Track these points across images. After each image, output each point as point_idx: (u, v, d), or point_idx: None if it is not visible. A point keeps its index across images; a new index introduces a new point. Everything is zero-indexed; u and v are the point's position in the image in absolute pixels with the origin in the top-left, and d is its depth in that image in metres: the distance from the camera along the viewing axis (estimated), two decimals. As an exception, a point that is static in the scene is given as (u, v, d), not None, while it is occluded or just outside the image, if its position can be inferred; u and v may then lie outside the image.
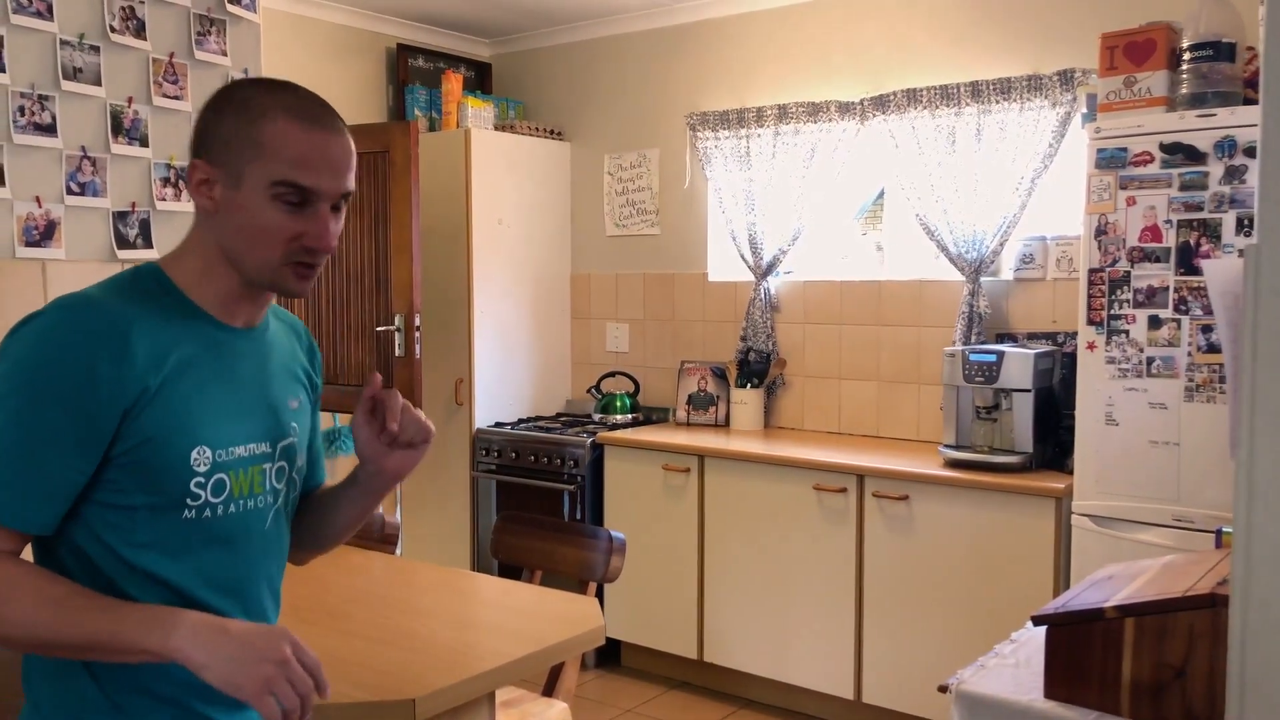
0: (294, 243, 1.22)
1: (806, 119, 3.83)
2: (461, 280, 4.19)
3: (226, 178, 1.21)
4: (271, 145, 1.20)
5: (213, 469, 1.22)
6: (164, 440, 1.17)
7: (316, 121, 1.23)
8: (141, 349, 1.16)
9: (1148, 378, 2.76)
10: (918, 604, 3.21)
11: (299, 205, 1.21)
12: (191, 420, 1.20)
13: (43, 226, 2.35)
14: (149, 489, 1.18)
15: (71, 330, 1.14)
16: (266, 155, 1.20)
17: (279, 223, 1.21)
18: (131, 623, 1.12)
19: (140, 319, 1.18)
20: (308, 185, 1.21)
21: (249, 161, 1.20)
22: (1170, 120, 2.72)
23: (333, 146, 1.23)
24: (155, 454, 1.17)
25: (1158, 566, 1.66)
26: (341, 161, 1.24)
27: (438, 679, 1.64)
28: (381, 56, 4.50)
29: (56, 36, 2.36)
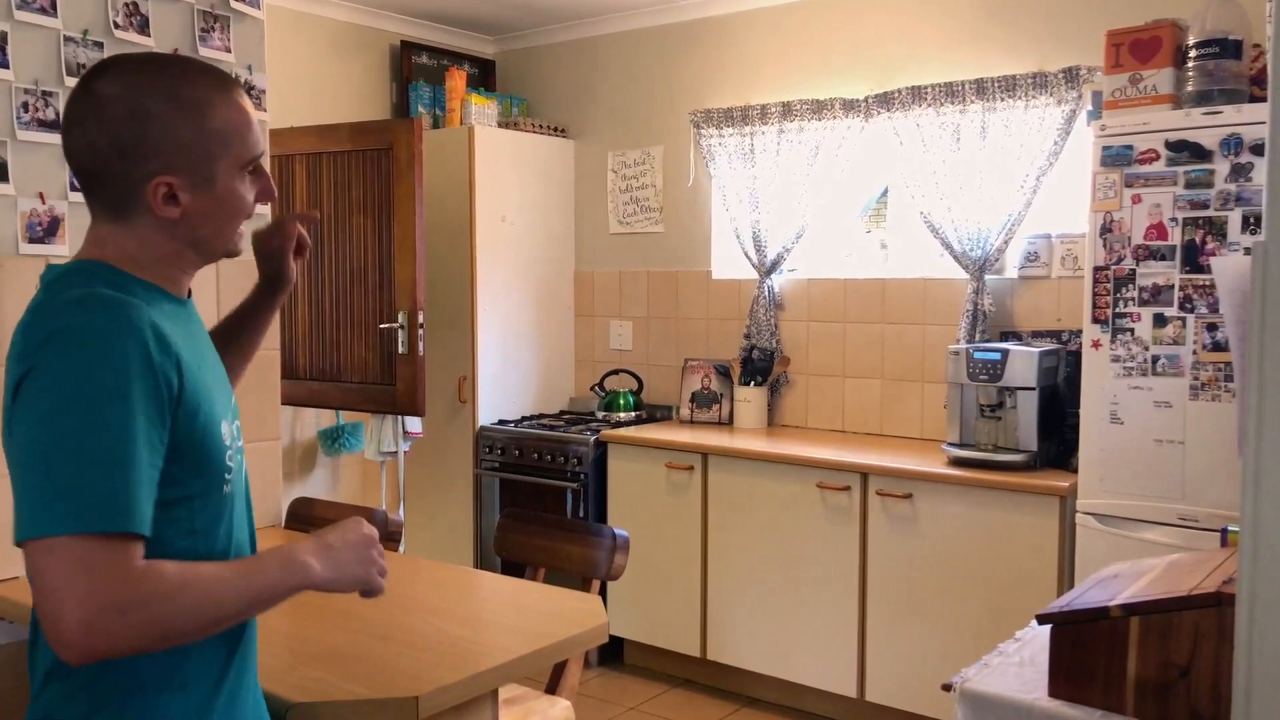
0: (254, 205, 1.29)
1: (811, 116, 3.83)
2: (465, 278, 4.18)
3: (196, 182, 1.20)
4: (225, 132, 1.22)
5: (233, 439, 1.26)
6: (205, 420, 1.19)
7: (229, 86, 1.26)
8: (159, 332, 1.13)
9: (1153, 376, 2.75)
10: (921, 602, 3.21)
11: (256, 172, 1.29)
12: (210, 396, 1.21)
13: (46, 223, 2.35)
14: (201, 472, 1.19)
15: (123, 328, 1.10)
16: (227, 143, 1.22)
17: (247, 196, 1.27)
18: (272, 574, 1.18)
19: (142, 303, 1.15)
20: (260, 152, 1.28)
21: (218, 159, 1.22)
22: (1176, 118, 2.71)
23: (249, 108, 1.28)
24: (204, 435, 1.19)
25: (1163, 565, 1.65)
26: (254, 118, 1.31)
27: (441, 676, 1.64)
28: (385, 53, 4.50)
29: (60, 33, 2.36)
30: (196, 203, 1.21)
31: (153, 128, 1.17)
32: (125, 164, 1.18)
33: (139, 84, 1.19)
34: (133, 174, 1.18)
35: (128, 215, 1.20)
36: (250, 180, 1.27)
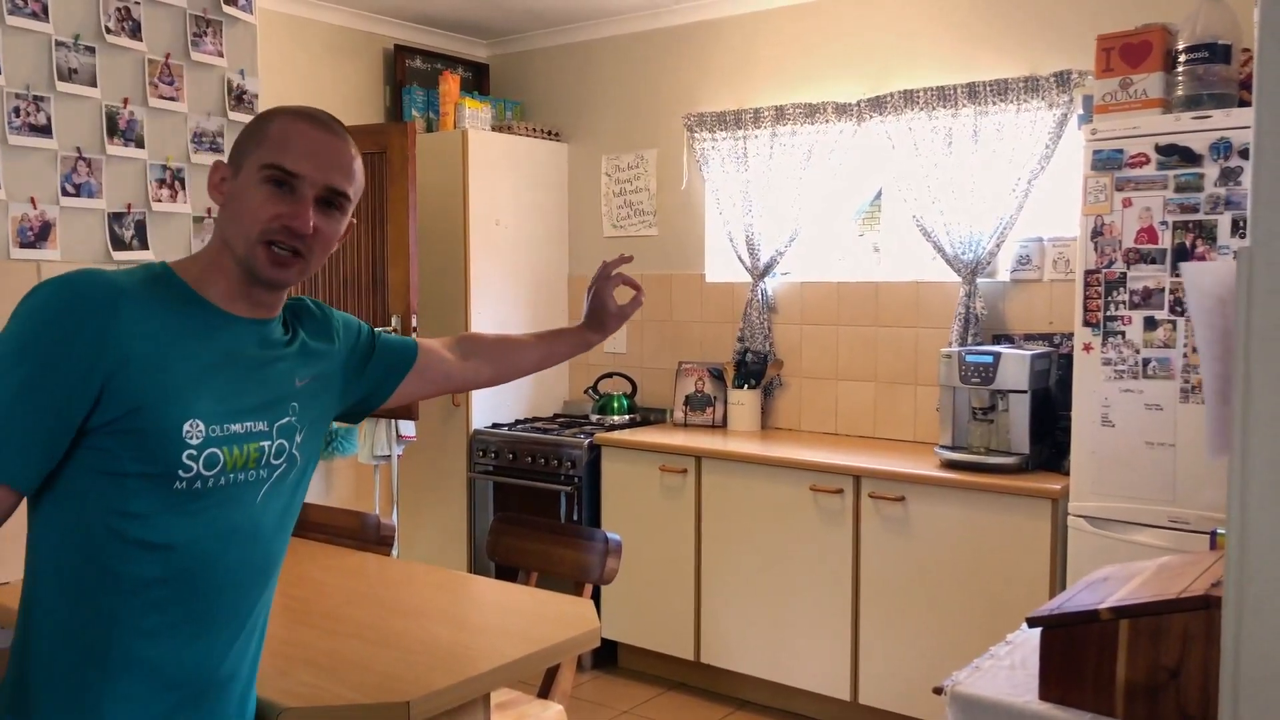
0: (273, 221, 1.29)
1: (804, 120, 3.83)
2: (459, 281, 4.18)
3: (234, 170, 1.32)
4: (271, 136, 1.31)
5: (206, 443, 1.26)
6: (155, 410, 1.22)
7: (315, 120, 1.34)
8: (130, 318, 1.22)
9: (1144, 379, 2.76)
10: (914, 605, 3.21)
11: (284, 188, 1.30)
12: (184, 394, 1.25)
13: (38, 227, 2.35)
14: (141, 457, 1.22)
15: (63, 294, 1.21)
16: (266, 144, 1.30)
17: (262, 202, 1.29)
18: None
19: (136, 294, 1.24)
20: (290, 168, 1.30)
21: (250, 154, 1.31)
22: (1166, 122, 2.72)
23: (324, 141, 1.33)
24: (147, 423, 1.22)
25: (1153, 568, 1.66)
26: (330, 156, 1.33)
27: (433, 681, 1.64)
28: (379, 57, 4.50)
29: (52, 37, 2.36)
30: (231, 191, 1.32)
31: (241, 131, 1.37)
32: None
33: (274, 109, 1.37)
34: None
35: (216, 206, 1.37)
36: (272, 191, 1.30)
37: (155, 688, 1.27)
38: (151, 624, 1.26)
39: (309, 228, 1.30)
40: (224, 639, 1.33)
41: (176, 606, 1.27)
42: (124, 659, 1.25)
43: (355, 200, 1.38)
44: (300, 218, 1.30)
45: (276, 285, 1.33)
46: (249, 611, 1.37)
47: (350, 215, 1.39)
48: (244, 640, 1.37)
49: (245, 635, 1.37)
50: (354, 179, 1.36)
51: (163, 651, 1.27)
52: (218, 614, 1.32)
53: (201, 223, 2.60)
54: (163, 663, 1.27)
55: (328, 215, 1.34)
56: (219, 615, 1.32)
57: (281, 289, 1.36)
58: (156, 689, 1.27)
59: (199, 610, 1.30)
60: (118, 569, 1.23)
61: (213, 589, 1.30)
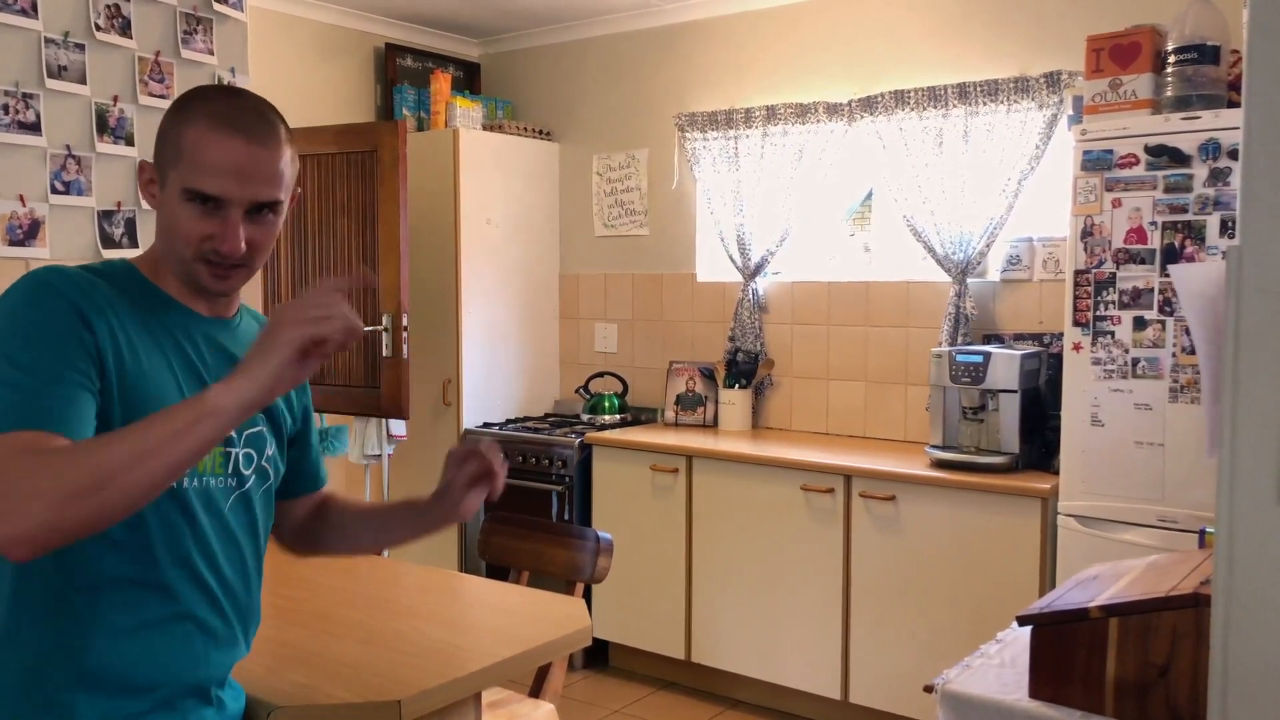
0: (204, 243, 1.26)
1: (795, 120, 3.84)
2: (449, 280, 4.18)
3: (159, 178, 1.28)
4: (187, 150, 1.24)
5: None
6: (126, 410, 1.21)
7: (234, 128, 1.24)
8: (114, 313, 1.23)
9: (1133, 379, 2.78)
10: (905, 604, 3.22)
11: (210, 209, 1.25)
12: (153, 395, 1.24)
13: (27, 225, 2.34)
14: None
15: (53, 286, 1.20)
16: (183, 160, 1.24)
17: (189, 225, 1.25)
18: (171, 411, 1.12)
19: (109, 291, 1.24)
20: (211, 193, 1.24)
21: (171, 165, 1.25)
22: (1155, 123, 2.73)
23: (245, 155, 1.24)
24: (118, 423, 1.19)
25: (1142, 566, 1.67)
26: (253, 171, 1.25)
27: (424, 680, 1.64)
28: (370, 56, 4.49)
29: (41, 34, 2.35)
30: (160, 200, 1.29)
31: (162, 124, 1.30)
32: None
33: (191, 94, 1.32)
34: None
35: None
36: (197, 213, 1.24)
37: (128, 690, 1.25)
38: (123, 623, 1.25)
39: (240, 249, 1.26)
40: (198, 641, 1.32)
41: (148, 606, 1.26)
42: (96, 660, 1.23)
43: (290, 193, 1.32)
44: (229, 241, 1.25)
45: (222, 294, 1.33)
46: (224, 615, 1.36)
47: (287, 204, 1.32)
48: (220, 644, 1.36)
49: (221, 639, 1.36)
50: (282, 182, 1.29)
51: (135, 653, 1.26)
52: (191, 615, 1.31)
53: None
54: (135, 664, 1.26)
55: (260, 222, 1.28)
56: (192, 617, 1.31)
57: (229, 295, 1.35)
58: (129, 691, 1.25)
59: (171, 611, 1.28)
60: (88, 567, 1.22)
61: (185, 589, 1.29)
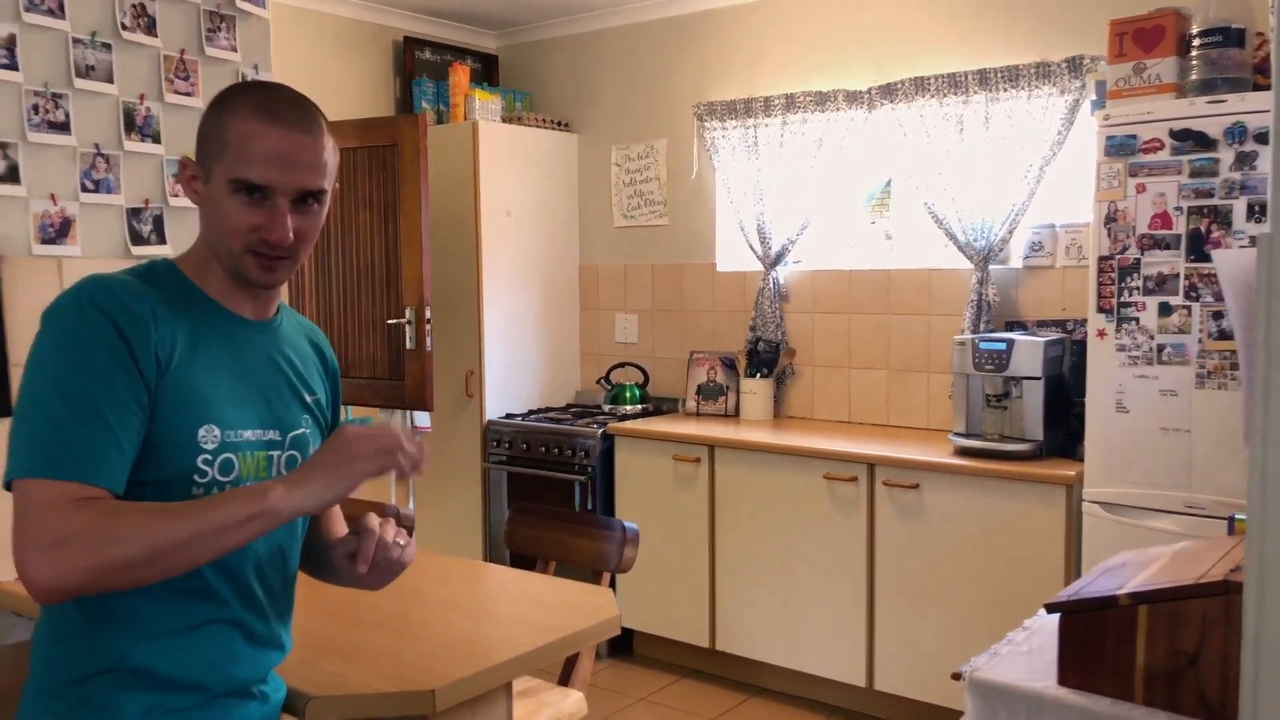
0: (252, 234, 1.27)
1: (814, 108, 3.83)
2: (470, 272, 4.20)
3: (203, 173, 1.29)
4: (232, 143, 1.26)
5: (220, 448, 1.26)
6: (173, 417, 1.23)
7: (277, 118, 1.26)
8: (156, 324, 1.23)
9: (1158, 365, 2.76)
10: (929, 592, 3.22)
11: (257, 199, 1.26)
12: (199, 399, 1.25)
13: (58, 224, 2.37)
14: (156, 465, 1.22)
15: (97, 303, 1.20)
16: (228, 153, 1.26)
17: (237, 216, 1.26)
18: (228, 501, 1.17)
19: (153, 299, 1.25)
20: (258, 182, 1.26)
21: (215, 159, 1.27)
22: (1180, 107, 2.71)
23: (289, 143, 1.26)
24: (165, 430, 1.22)
25: (1170, 554, 1.66)
26: (298, 159, 1.27)
27: (457, 669, 1.66)
28: (388, 49, 4.50)
29: (69, 35, 2.37)
30: (204, 195, 1.29)
31: (203, 120, 1.32)
32: None
33: (229, 89, 1.33)
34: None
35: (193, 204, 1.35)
36: (244, 203, 1.26)
37: (171, 689, 1.27)
38: (167, 626, 1.26)
39: (289, 238, 1.28)
40: (240, 643, 1.33)
41: (191, 610, 1.27)
42: (140, 660, 1.24)
43: (332, 185, 1.34)
44: (278, 230, 1.27)
45: (270, 286, 1.34)
46: (265, 617, 1.37)
47: (330, 196, 1.35)
48: (260, 645, 1.37)
49: (262, 640, 1.37)
50: (326, 171, 1.31)
51: (178, 654, 1.27)
52: (233, 619, 1.32)
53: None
54: (179, 665, 1.27)
55: (305, 212, 1.30)
56: (234, 620, 1.32)
57: (275, 288, 1.36)
58: (173, 690, 1.27)
59: (213, 615, 1.30)
60: None
61: (228, 593, 1.30)
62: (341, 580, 1.46)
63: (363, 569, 1.32)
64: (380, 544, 1.33)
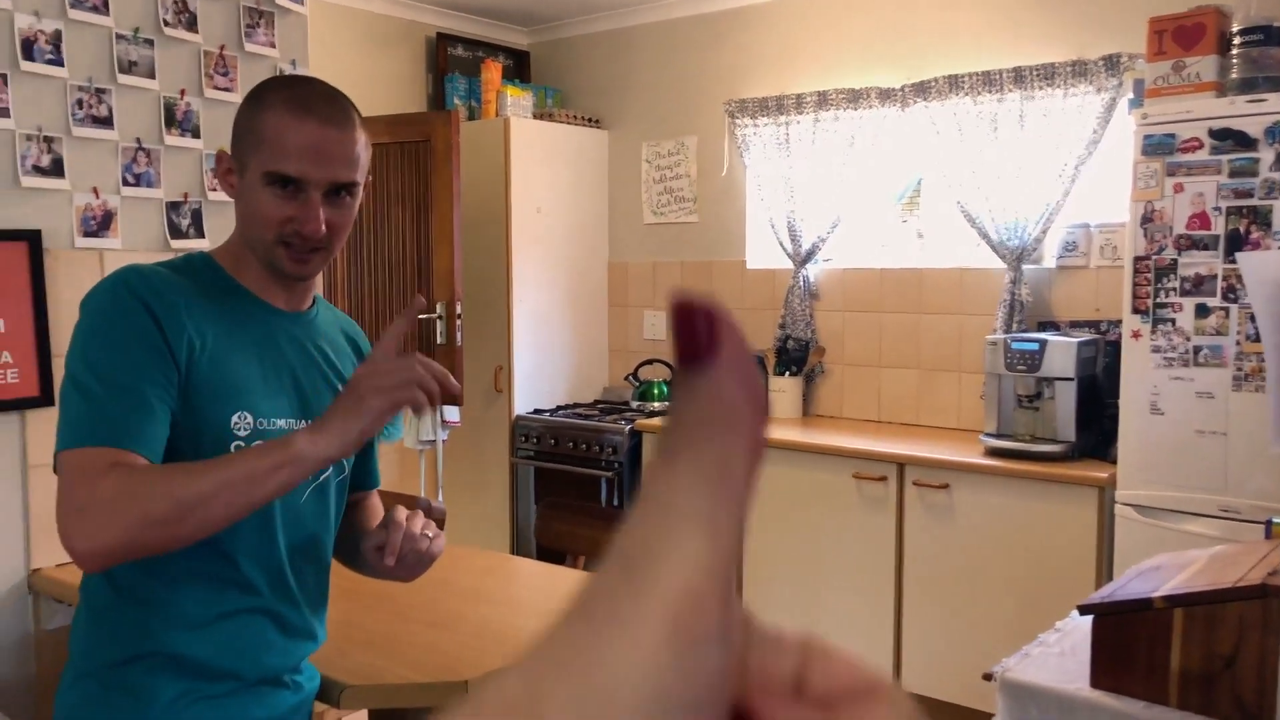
0: (285, 226, 1.28)
1: (846, 105, 3.82)
2: (500, 268, 4.22)
3: (238, 166, 1.31)
4: (267, 136, 1.27)
5: (253, 435, 1.28)
6: (206, 403, 1.25)
7: (310, 112, 1.28)
8: (189, 313, 1.26)
9: (1194, 367, 2.74)
10: (958, 593, 3.21)
11: (290, 192, 1.28)
12: (233, 386, 1.28)
13: (100, 217, 2.41)
14: (191, 451, 1.23)
15: (131, 288, 1.24)
16: (263, 146, 1.27)
17: (271, 208, 1.28)
18: (254, 452, 1.19)
19: (187, 289, 1.28)
20: (292, 174, 1.27)
21: (251, 152, 1.29)
22: (1220, 106, 2.68)
23: (322, 137, 1.28)
24: (199, 416, 1.24)
25: (1206, 557, 1.65)
26: (330, 152, 1.28)
27: (489, 661, 1.68)
28: (421, 46, 4.53)
29: (112, 30, 2.41)
30: (239, 188, 1.31)
31: (238, 114, 1.34)
32: None
33: (265, 84, 1.35)
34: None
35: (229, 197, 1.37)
36: (278, 196, 1.27)
37: (206, 675, 1.28)
38: (202, 615, 1.27)
39: (321, 230, 1.29)
40: (273, 633, 1.35)
41: (226, 600, 1.29)
42: (176, 647, 1.26)
43: (364, 178, 1.35)
44: (311, 222, 1.28)
45: (303, 278, 1.35)
46: (298, 607, 1.38)
47: (362, 189, 1.35)
48: (294, 634, 1.38)
49: (296, 630, 1.38)
50: (359, 165, 1.32)
51: (214, 642, 1.28)
52: (267, 609, 1.33)
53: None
54: (214, 653, 1.28)
55: (338, 205, 1.31)
56: (268, 610, 1.33)
57: (309, 279, 1.37)
58: (208, 676, 1.28)
59: (248, 604, 1.31)
60: (169, 561, 1.23)
61: (262, 583, 1.31)
62: (373, 572, 1.45)
63: (390, 561, 1.32)
64: (408, 536, 1.33)
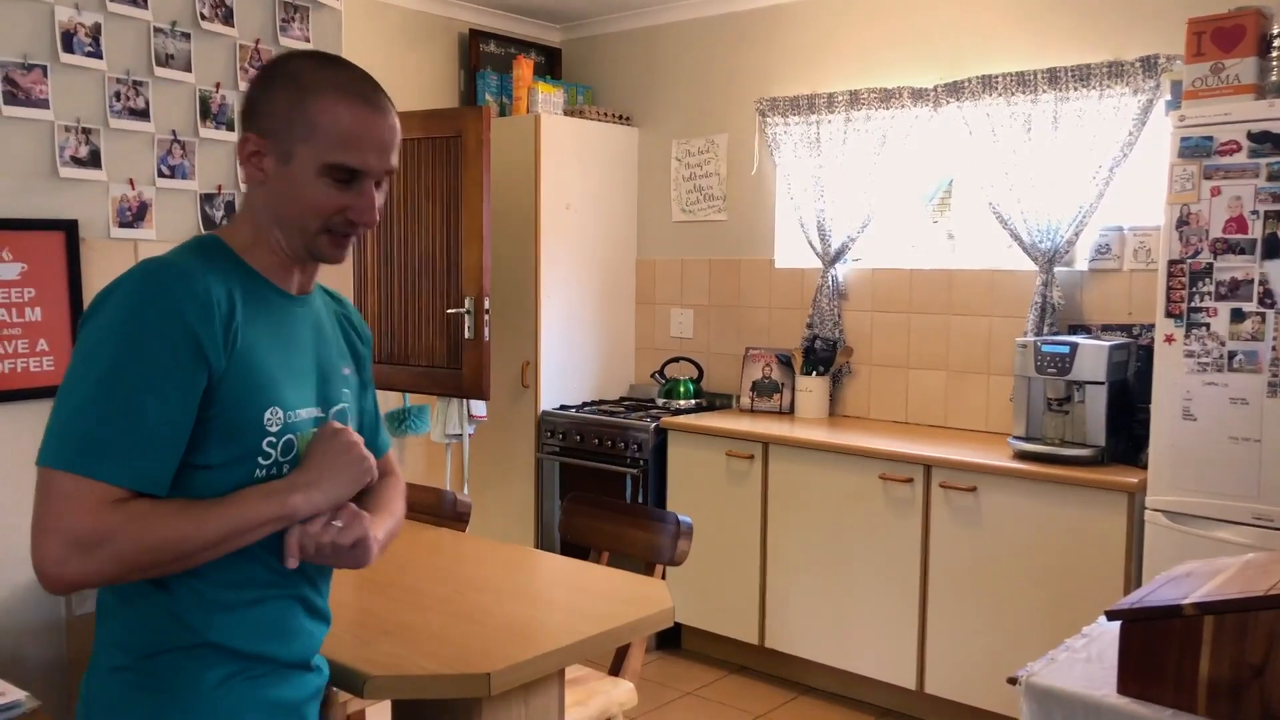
0: (338, 215, 1.28)
1: (878, 105, 3.79)
2: (529, 264, 4.23)
3: (278, 152, 1.26)
4: (322, 125, 1.24)
5: (283, 429, 1.27)
6: (241, 400, 1.22)
7: (366, 101, 1.27)
8: (220, 306, 1.21)
9: (1229, 372, 2.70)
10: (983, 596, 3.19)
11: (346, 182, 1.26)
12: (265, 381, 1.25)
13: (135, 208, 2.44)
14: (225, 448, 1.22)
15: (159, 288, 1.18)
16: (318, 135, 1.24)
17: (326, 198, 1.26)
18: (251, 504, 1.21)
19: (213, 277, 1.23)
20: (356, 166, 1.26)
21: (300, 140, 1.25)
22: (1259, 108, 2.64)
23: (380, 127, 1.28)
24: (234, 414, 1.22)
25: (1238, 564, 1.63)
26: (388, 141, 1.29)
27: (511, 654, 1.68)
28: (454, 42, 4.55)
29: (150, 24, 2.44)
30: (277, 174, 1.26)
31: (264, 92, 1.28)
32: (243, 121, 1.30)
33: (288, 60, 1.31)
34: (243, 130, 1.30)
35: (245, 179, 1.32)
36: (333, 186, 1.26)
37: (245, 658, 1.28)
38: (234, 598, 1.27)
39: (377, 219, 1.30)
40: (303, 616, 1.35)
41: (257, 586, 1.29)
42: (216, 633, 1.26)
43: None
44: (369, 212, 1.28)
45: (339, 262, 1.34)
46: (319, 590, 1.39)
47: None
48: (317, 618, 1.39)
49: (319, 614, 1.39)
50: (399, 149, 1.32)
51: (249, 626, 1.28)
52: (295, 594, 1.34)
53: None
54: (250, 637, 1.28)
55: (379, 191, 1.31)
56: (296, 595, 1.34)
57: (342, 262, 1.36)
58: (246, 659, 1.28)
59: (277, 590, 1.31)
60: None
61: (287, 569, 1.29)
62: None
63: (291, 564, 1.26)
64: (304, 534, 1.26)
